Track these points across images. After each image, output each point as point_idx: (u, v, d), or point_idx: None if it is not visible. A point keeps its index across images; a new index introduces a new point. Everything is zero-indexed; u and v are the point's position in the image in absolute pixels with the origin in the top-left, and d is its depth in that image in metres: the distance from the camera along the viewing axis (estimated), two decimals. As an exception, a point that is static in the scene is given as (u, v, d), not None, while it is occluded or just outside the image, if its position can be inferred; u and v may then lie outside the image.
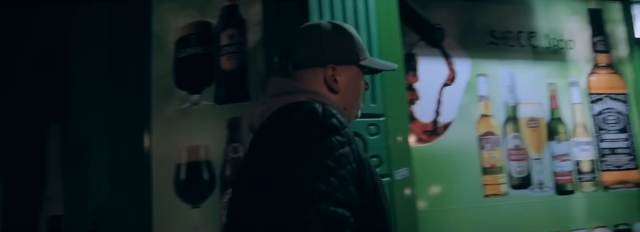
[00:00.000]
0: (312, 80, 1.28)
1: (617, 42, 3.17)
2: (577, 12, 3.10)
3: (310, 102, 1.18)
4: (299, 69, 1.29)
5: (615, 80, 3.11)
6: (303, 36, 1.33)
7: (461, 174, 2.64)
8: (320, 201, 1.01)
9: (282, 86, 1.27)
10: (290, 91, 1.24)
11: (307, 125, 1.12)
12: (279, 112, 1.19)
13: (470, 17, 2.79)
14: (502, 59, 2.82)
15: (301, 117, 1.13)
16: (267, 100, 1.26)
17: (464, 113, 2.67)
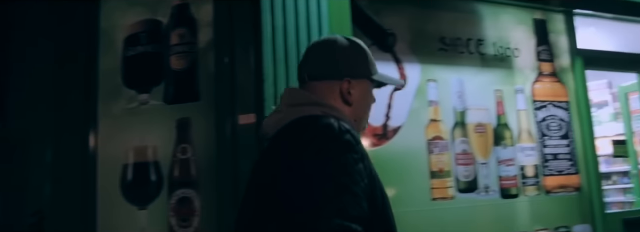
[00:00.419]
0: (327, 92, 1.33)
1: (560, 52, 3.30)
2: (523, 22, 3.21)
3: (326, 117, 1.22)
4: (316, 81, 1.35)
5: (558, 88, 3.23)
6: (322, 50, 1.39)
7: (410, 178, 2.68)
8: (336, 216, 1.05)
9: (298, 97, 1.33)
10: (305, 103, 1.29)
11: (324, 141, 1.16)
12: (296, 125, 1.24)
13: (421, 23, 2.85)
14: (451, 65, 2.89)
15: (318, 132, 1.18)
16: (283, 110, 1.32)
17: (414, 117, 2.72)
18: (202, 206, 2.38)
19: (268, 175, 1.21)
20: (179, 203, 2.38)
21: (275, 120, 1.31)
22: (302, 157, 1.15)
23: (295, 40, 2.32)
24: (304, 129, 1.21)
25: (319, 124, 1.19)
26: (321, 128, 1.18)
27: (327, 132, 1.18)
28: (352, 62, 1.38)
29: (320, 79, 1.35)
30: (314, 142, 1.16)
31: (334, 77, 1.35)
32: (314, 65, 1.37)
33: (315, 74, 1.36)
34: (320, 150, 1.15)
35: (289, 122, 1.26)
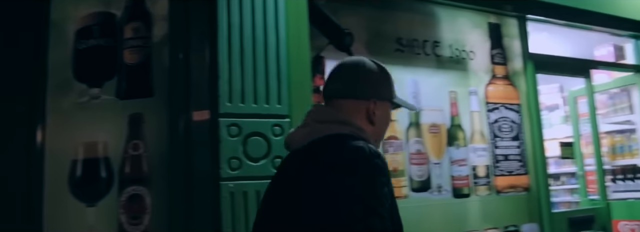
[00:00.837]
0: (353, 111, 1.43)
1: (513, 56, 3.39)
2: (479, 26, 3.28)
3: (356, 140, 1.32)
4: (343, 99, 1.44)
5: (510, 91, 3.31)
6: (352, 71, 1.48)
7: (364, 176, 2.70)
8: None
9: (326, 114, 1.42)
10: (332, 120, 1.39)
11: (355, 164, 1.25)
12: (327, 143, 1.33)
13: (378, 24, 2.88)
14: (407, 66, 2.93)
15: (350, 155, 1.26)
16: (309, 124, 1.42)
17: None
18: (153, 204, 2.35)
19: (298, 189, 1.30)
20: (129, 200, 2.34)
21: (301, 134, 1.41)
22: (334, 178, 1.23)
23: (251, 37, 2.32)
24: (336, 150, 1.29)
25: (352, 147, 1.28)
26: (353, 151, 1.27)
27: (359, 155, 1.26)
28: (379, 84, 1.49)
29: (348, 97, 1.44)
30: (346, 164, 1.25)
31: (361, 97, 1.44)
32: (345, 84, 1.46)
33: (344, 92, 1.45)
34: (352, 173, 1.23)
35: (318, 139, 1.36)
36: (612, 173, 4.61)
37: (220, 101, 2.23)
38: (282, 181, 1.42)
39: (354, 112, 1.43)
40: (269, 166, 2.30)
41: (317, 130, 1.39)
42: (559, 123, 6.10)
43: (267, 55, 2.35)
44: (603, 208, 3.74)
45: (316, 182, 1.25)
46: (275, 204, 1.39)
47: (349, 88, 1.45)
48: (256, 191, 2.25)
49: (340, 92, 1.45)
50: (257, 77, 2.32)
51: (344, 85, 1.46)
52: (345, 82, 1.46)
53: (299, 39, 2.45)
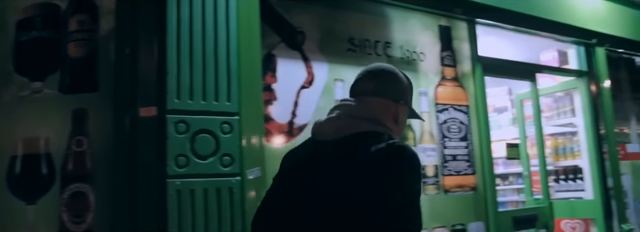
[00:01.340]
0: (382, 110, 1.51)
1: (462, 58, 3.46)
2: (429, 28, 3.34)
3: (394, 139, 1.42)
4: (376, 97, 1.52)
5: (459, 92, 3.39)
6: (389, 74, 1.58)
7: (314, 175, 2.70)
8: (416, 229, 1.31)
9: (360, 111, 1.49)
10: (366, 118, 1.47)
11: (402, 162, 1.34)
12: (368, 140, 1.39)
13: (331, 23, 2.89)
14: (359, 65, 2.89)
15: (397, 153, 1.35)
16: (343, 118, 1.48)
17: (320, 116, 2.70)
18: (96, 202, 2.29)
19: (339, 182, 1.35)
20: (72, 198, 2.28)
21: (335, 127, 1.47)
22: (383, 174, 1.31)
23: (201, 33, 2.29)
24: (382, 148, 1.36)
25: (397, 146, 1.38)
26: (399, 149, 1.37)
27: (405, 154, 1.37)
28: (407, 90, 1.61)
29: (382, 96, 1.53)
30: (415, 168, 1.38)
31: (391, 99, 1.54)
32: (379, 84, 1.55)
33: (379, 91, 1.53)
34: (418, 174, 1.39)
35: (352, 134, 1.43)
36: (555, 174, 4.78)
37: (168, 97, 2.20)
38: (312, 171, 1.45)
39: (383, 111, 1.51)
40: (217, 163, 2.27)
41: (351, 125, 1.46)
42: (508, 125, 6.28)
43: (217, 52, 2.32)
44: (546, 207, 3.86)
45: (362, 176, 1.32)
46: (306, 195, 1.43)
47: (383, 88, 1.54)
48: (204, 189, 2.22)
49: (374, 91, 1.53)
50: (207, 73, 2.29)
51: (378, 85, 1.54)
52: (380, 83, 1.55)
53: (250, 36, 2.44)
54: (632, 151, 4.77)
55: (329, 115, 1.53)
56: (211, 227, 2.22)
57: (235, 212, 2.28)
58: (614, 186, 4.26)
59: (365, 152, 1.35)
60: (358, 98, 1.54)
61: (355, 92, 1.58)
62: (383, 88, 1.54)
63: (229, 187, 2.29)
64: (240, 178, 2.32)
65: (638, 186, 4.70)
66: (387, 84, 1.56)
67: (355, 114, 1.48)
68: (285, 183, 1.55)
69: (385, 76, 1.58)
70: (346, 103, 1.53)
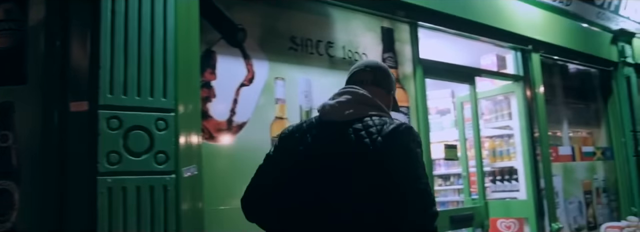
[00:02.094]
0: (380, 97, 1.77)
1: (404, 60, 3.52)
2: (372, 29, 3.38)
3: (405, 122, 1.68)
4: (377, 87, 1.78)
5: (400, 94, 3.43)
6: (385, 69, 1.86)
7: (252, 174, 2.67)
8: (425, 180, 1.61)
9: (365, 97, 1.72)
10: (373, 105, 1.71)
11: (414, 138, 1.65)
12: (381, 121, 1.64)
13: (273, 21, 2.88)
14: (300, 64, 2.95)
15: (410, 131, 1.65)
16: (352, 103, 1.69)
17: (259, 114, 2.74)
18: (21, 200, 2.20)
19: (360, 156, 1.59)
20: (-5, 196, 2.18)
21: (346, 110, 1.68)
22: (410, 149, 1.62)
23: (137, 27, 2.23)
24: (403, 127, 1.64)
25: (407, 126, 1.66)
26: (410, 129, 1.66)
27: (415, 132, 1.67)
28: (395, 84, 1.90)
29: (382, 87, 1.81)
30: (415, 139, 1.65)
31: (386, 90, 1.83)
32: (381, 76, 1.82)
33: (378, 82, 1.80)
34: (416, 144, 1.64)
35: (362, 117, 1.66)
36: (492, 174, 4.93)
37: (101, 92, 2.13)
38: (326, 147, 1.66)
39: (381, 99, 1.77)
40: (151, 161, 2.22)
41: (359, 109, 1.68)
42: (450, 127, 6.43)
43: (154, 47, 2.27)
44: (481, 207, 3.98)
45: (384, 147, 1.58)
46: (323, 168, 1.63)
47: (380, 80, 1.81)
48: (137, 187, 2.17)
49: (373, 82, 1.79)
50: (142, 68, 2.24)
51: (376, 77, 1.80)
52: (378, 75, 1.81)
53: (189, 31, 2.40)
54: (563, 153, 4.99)
55: (337, 99, 1.72)
56: (143, 226, 2.17)
57: (170, 210, 2.24)
58: (545, 186, 4.43)
59: (382, 127, 1.61)
60: (361, 86, 1.76)
61: (356, 81, 1.80)
62: (380, 80, 1.81)
63: (164, 185, 2.24)
64: (175, 176, 2.28)
65: (568, 187, 4.92)
66: (384, 76, 1.83)
67: (362, 100, 1.71)
68: (292, 159, 1.72)
69: (381, 70, 1.84)
70: (353, 90, 1.74)
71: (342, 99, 1.71)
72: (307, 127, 1.75)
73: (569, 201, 4.95)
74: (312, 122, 1.76)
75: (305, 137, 1.72)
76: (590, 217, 5.17)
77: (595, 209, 5.23)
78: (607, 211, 5.42)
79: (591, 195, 5.23)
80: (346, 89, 1.76)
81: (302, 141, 1.71)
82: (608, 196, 5.47)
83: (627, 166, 5.53)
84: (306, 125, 1.77)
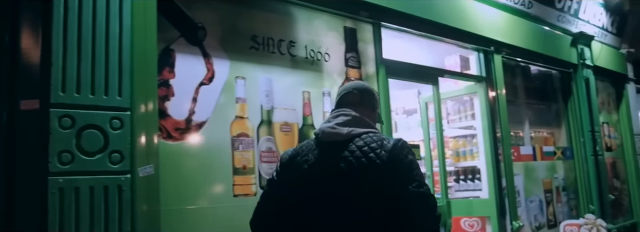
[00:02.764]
0: (370, 115, 2.03)
1: (367, 60, 3.53)
2: (335, 29, 3.38)
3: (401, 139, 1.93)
4: (365, 107, 2.02)
5: (362, 93, 3.44)
6: (371, 91, 2.10)
7: (212, 174, 2.66)
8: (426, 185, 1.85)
9: (359, 119, 1.96)
10: (364, 123, 1.95)
11: (408, 149, 1.89)
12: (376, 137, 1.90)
13: (234, 20, 2.85)
14: (261, 64, 2.94)
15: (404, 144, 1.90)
16: (350, 125, 1.92)
17: (219, 113, 2.71)
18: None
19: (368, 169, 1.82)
20: (-60, 197, 2.10)
21: (346, 131, 1.90)
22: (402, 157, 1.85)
23: (91, 23, 2.19)
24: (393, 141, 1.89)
25: (400, 139, 1.92)
26: (403, 142, 1.91)
27: (407, 144, 1.91)
28: (378, 101, 2.14)
29: (368, 106, 2.04)
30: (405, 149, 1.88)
31: (371, 108, 2.06)
32: (367, 97, 2.06)
33: (366, 103, 2.04)
34: (410, 154, 1.88)
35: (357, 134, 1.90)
36: (456, 174, 5.00)
37: (52, 90, 2.08)
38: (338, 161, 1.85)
39: (369, 117, 2.02)
40: (105, 160, 2.18)
41: (354, 129, 1.91)
42: (417, 127, 6.47)
43: (109, 44, 2.23)
44: (443, 206, 4.01)
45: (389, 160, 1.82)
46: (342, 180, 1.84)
47: (366, 100, 2.05)
48: (90, 187, 2.13)
49: (361, 102, 2.02)
50: (96, 66, 2.19)
51: (363, 97, 2.04)
52: (364, 96, 2.05)
53: (146, 29, 2.36)
54: (525, 153, 5.09)
55: (334, 121, 1.95)
56: (97, 227, 2.12)
57: (125, 211, 2.20)
58: (507, 185, 4.51)
59: (382, 144, 1.87)
60: (351, 108, 1.99)
61: (345, 102, 2.03)
62: (366, 100, 2.05)
63: (118, 185, 2.20)
64: (130, 176, 2.24)
65: (529, 186, 5.01)
66: (369, 96, 2.07)
67: (356, 120, 1.94)
68: (296, 180, 1.92)
69: (367, 91, 2.07)
70: (346, 112, 1.98)
71: (339, 121, 1.94)
72: (308, 150, 1.96)
73: (530, 200, 5.04)
74: (311, 144, 1.99)
75: (308, 158, 1.93)
76: (551, 215, 5.28)
77: (555, 207, 5.35)
78: (566, 209, 5.54)
79: (551, 194, 5.35)
80: (340, 112, 1.98)
81: (306, 162, 1.92)
82: (568, 194, 5.60)
83: (586, 165, 5.67)
84: (306, 147, 1.99)
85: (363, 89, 2.07)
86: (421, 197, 1.79)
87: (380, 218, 1.79)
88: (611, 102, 6.77)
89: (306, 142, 2.03)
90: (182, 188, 2.54)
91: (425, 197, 1.80)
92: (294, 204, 1.90)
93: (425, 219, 1.79)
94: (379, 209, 1.79)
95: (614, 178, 6.41)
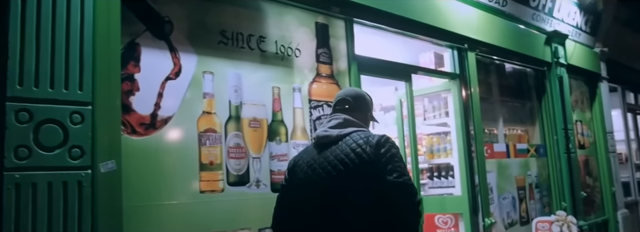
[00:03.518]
0: (363, 118, 2.32)
1: (339, 56, 3.51)
2: (306, 24, 3.35)
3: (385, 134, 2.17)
4: (355, 111, 2.30)
5: (333, 89, 3.43)
6: (362, 96, 2.37)
7: (178, 170, 2.62)
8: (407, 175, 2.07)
9: (349, 121, 2.25)
10: (353, 124, 2.24)
11: (393, 145, 2.12)
12: (364, 134, 2.16)
13: (202, 15, 2.82)
14: (230, 59, 2.90)
15: (387, 138, 2.13)
16: (341, 126, 2.22)
17: (186, 109, 2.67)
18: None
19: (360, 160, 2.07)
20: None
21: (337, 132, 2.20)
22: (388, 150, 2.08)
23: (50, 15, 2.14)
24: (378, 136, 2.13)
25: (384, 135, 2.15)
26: (390, 139, 2.15)
27: (391, 140, 2.15)
28: (370, 104, 2.40)
29: (360, 110, 2.33)
30: (389, 143, 2.12)
31: (364, 111, 2.35)
32: (359, 102, 2.34)
33: (357, 107, 2.32)
34: (394, 147, 2.12)
35: (346, 133, 2.18)
36: (430, 171, 5.02)
37: (9, 83, 2.03)
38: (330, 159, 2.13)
39: (360, 118, 2.29)
40: (65, 156, 2.13)
41: (347, 128, 2.21)
42: (393, 123, 6.48)
43: (69, 36, 2.18)
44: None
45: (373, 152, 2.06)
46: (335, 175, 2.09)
47: (357, 105, 2.32)
48: (48, 183, 2.09)
49: (354, 107, 2.31)
50: (56, 59, 2.15)
51: (354, 103, 2.32)
52: (357, 102, 2.33)
53: (109, 22, 2.31)
54: (498, 150, 5.12)
55: (327, 125, 2.26)
56: (55, 224, 2.08)
57: (84, 208, 2.16)
58: (480, 182, 4.53)
59: (367, 139, 2.10)
60: (343, 113, 2.29)
61: (339, 109, 2.32)
62: (358, 105, 2.33)
63: (78, 180, 2.16)
64: (91, 171, 2.20)
65: (502, 183, 5.05)
66: (361, 101, 2.35)
67: (346, 122, 2.24)
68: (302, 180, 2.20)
69: (358, 97, 2.35)
70: (337, 115, 2.28)
71: (332, 124, 2.25)
72: (307, 153, 2.26)
73: (503, 197, 5.08)
74: (310, 148, 2.29)
75: (307, 160, 2.21)
76: (523, 212, 5.33)
77: (528, 204, 5.40)
78: (539, 206, 5.60)
79: (524, 191, 5.40)
80: (333, 117, 2.30)
81: (306, 163, 2.21)
82: (540, 191, 5.66)
83: (558, 163, 5.74)
84: (305, 152, 2.30)
85: (354, 95, 2.35)
86: (400, 187, 2.01)
87: (371, 210, 2.02)
88: (585, 100, 6.85)
89: (306, 147, 2.37)
90: (146, 184, 2.50)
91: (404, 186, 2.01)
92: (300, 203, 2.18)
93: (405, 206, 2.01)
94: (369, 201, 2.02)
95: (587, 175, 6.50)
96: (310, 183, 2.15)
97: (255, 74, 3.01)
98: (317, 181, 2.13)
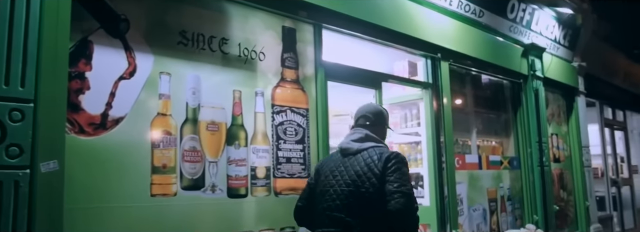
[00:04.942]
0: (378, 133, 2.59)
1: (306, 61, 3.47)
2: (272, 28, 3.30)
3: (395, 151, 2.59)
4: (375, 126, 2.60)
5: (298, 95, 3.38)
6: (380, 111, 2.67)
7: (128, 172, 2.55)
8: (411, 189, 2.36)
9: (369, 136, 2.53)
10: (373, 139, 2.53)
11: (402, 159, 2.40)
12: (380, 151, 2.45)
13: (161, 14, 2.76)
14: (190, 60, 2.84)
15: (398, 155, 2.42)
16: (361, 141, 2.51)
17: (139, 109, 2.60)
18: None
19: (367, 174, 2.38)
20: None
21: (357, 146, 2.49)
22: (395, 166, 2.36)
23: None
24: (390, 153, 2.42)
25: (395, 152, 2.45)
26: (398, 153, 2.44)
27: (401, 155, 2.43)
28: (387, 118, 2.70)
29: (379, 125, 2.63)
30: (398, 159, 2.38)
31: (381, 126, 2.64)
32: (378, 118, 2.63)
33: (377, 122, 2.62)
34: (402, 164, 2.38)
35: (365, 148, 2.47)
36: (400, 180, 4.95)
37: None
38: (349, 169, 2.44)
39: (379, 133, 2.59)
40: (1, 154, 2.06)
41: (366, 143, 2.50)
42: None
43: (13, 31, 2.12)
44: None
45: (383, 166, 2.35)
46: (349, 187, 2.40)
47: (377, 120, 2.62)
48: (-15, 181, 2.00)
49: (374, 122, 2.61)
50: (-4, 53, 2.07)
51: (374, 119, 2.61)
52: (376, 117, 2.63)
53: (58, 17, 2.24)
54: (470, 161, 5.09)
55: (350, 138, 2.54)
56: (-13, 225, 2.00)
57: (20, 208, 2.09)
58: (449, 193, 4.49)
59: (381, 156, 2.40)
60: (364, 128, 2.57)
61: (361, 124, 2.60)
62: (377, 120, 2.62)
63: (15, 180, 2.08)
64: (30, 171, 2.12)
65: (473, 194, 5.02)
66: (380, 117, 2.64)
67: (366, 137, 2.52)
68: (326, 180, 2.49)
69: (377, 113, 2.64)
70: (359, 130, 2.56)
71: (354, 138, 2.53)
72: (332, 160, 2.56)
73: (473, 208, 5.05)
74: (337, 154, 2.57)
75: (330, 166, 2.52)
76: (494, 224, 5.29)
77: (499, 216, 5.37)
78: (511, 218, 5.57)
79: (496, 203, 5.37)
80: (355, 131, 2.58)
81: (329, 168, 2.51)
82: (513, 203, 5.64)
83: (532, 176, 5.72)
84: (330, 158, 2.60)
85: (374, 112, 2.64)
86: (402, 194, 2.27)
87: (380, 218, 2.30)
88: (562, 114, 6.86)
89: (332, 154, 2.67)
90: (93, 186, 2.43)
91: (403, 193, 2.28)
92: (320, 198, 2.48)
93: (403, 211, 2.26)
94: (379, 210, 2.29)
95: (561, 189, 6.50)
96: (328, 186, 2.47)
97: (216, 76, 2.95)
98: (334, 185, 2.44)
